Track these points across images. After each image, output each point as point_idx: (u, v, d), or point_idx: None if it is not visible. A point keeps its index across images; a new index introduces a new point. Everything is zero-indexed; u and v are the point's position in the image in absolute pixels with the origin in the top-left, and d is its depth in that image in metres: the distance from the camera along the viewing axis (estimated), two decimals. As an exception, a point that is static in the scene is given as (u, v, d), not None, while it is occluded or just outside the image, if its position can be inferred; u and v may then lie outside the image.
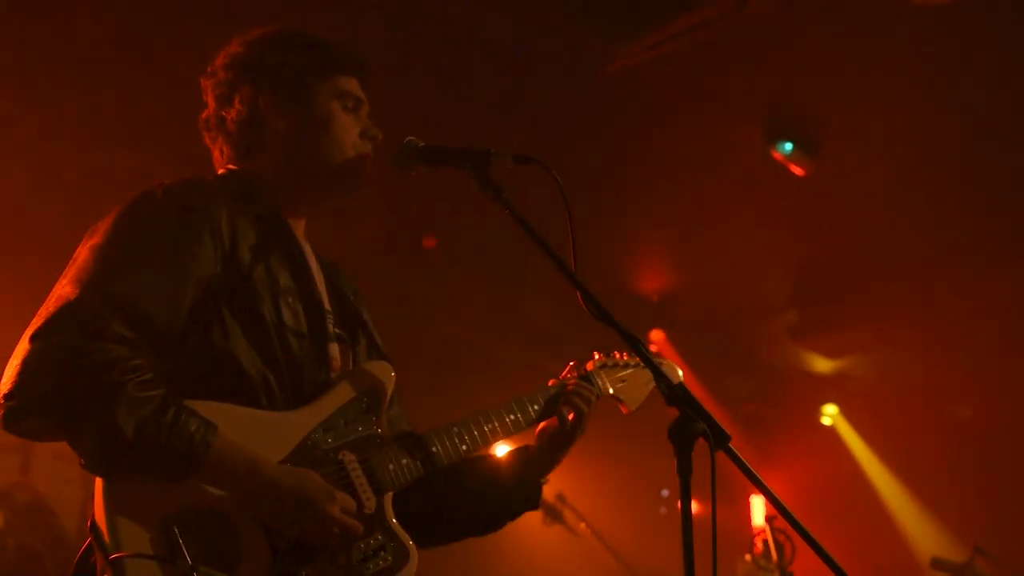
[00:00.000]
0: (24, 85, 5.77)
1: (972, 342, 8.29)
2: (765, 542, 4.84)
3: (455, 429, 2.67)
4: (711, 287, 8.48)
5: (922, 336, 8.48)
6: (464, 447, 2.66)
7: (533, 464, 2.81)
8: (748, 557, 6.71)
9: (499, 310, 8.62)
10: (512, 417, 2.75)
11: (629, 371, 3.00)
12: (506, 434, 2.73)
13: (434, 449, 2.60)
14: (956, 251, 7.66)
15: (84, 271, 2.31)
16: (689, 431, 2.38)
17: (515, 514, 2.84)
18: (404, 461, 2.55)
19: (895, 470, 9.26)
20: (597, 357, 2.99)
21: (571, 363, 2.95)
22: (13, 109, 5.89)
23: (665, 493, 9.87)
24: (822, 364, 9.34)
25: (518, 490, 2.80)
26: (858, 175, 7.03)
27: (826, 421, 9.76)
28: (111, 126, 6.08)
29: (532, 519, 7.18)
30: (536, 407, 2.80)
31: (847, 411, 9.70)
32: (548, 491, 7.14)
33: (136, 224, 2.42)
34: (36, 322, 2.25)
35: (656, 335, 8.81)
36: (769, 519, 4.94)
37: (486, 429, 2.70)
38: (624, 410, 2.98)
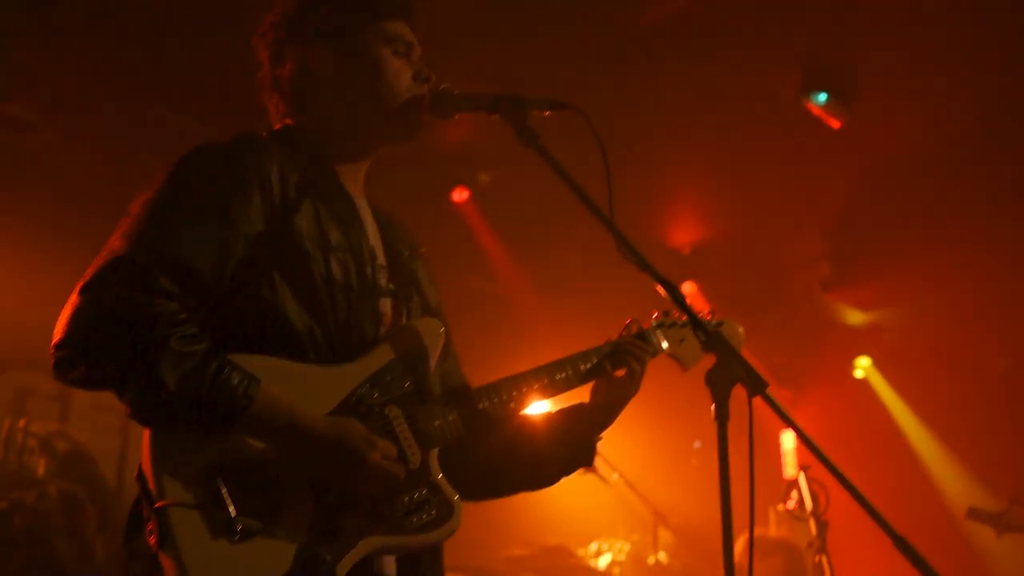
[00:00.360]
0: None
1: (1007, 293, 8.23)
2: (799, 491, 4.84)
3: (504, 385, 2.63)
4: (744, 239, 8.44)
5: (957, 287, 8.41)
6: (513, 404, 2.63)
7: (587, 422, 2.78)
8: (781, 507, 6.72)
9: (528, 264, 8.62)
10: (563, 374, 2.71)
11: (687, 330, 2.92)
12: (556, 391, 2.69)
13: (482, 405, 2.58)
14: (993, 201, 7.58)
15: (134, 226, 2.35)
16: (727, 377, 2.38)
17: (569, 471, 2.81)
18: (451, 417, 2.53)
19: (929, 422, 9.23)
20: (655, 315, 2.93)
21: (627, 321, 2.89)
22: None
23: (697, 444, 9.89)
24: (855, 316, 9.28)
25: (572, 448, 2.77)
26: (893, 126, 6.97)
27: (859, 374, 9.72)
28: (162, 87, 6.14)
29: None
30: (588, 365, 2.75)
31: (880, 364, 9.66)
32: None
33: (186, 180, 2.44)
34: (86, 275, 2.30)
35: (688, 287, 8.79)
36: (803, 468, 4.94)
37: (536, 386, 2.66)
38: (681, 369, 2.90)
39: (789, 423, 2.40)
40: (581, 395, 2.80)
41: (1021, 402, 8.29)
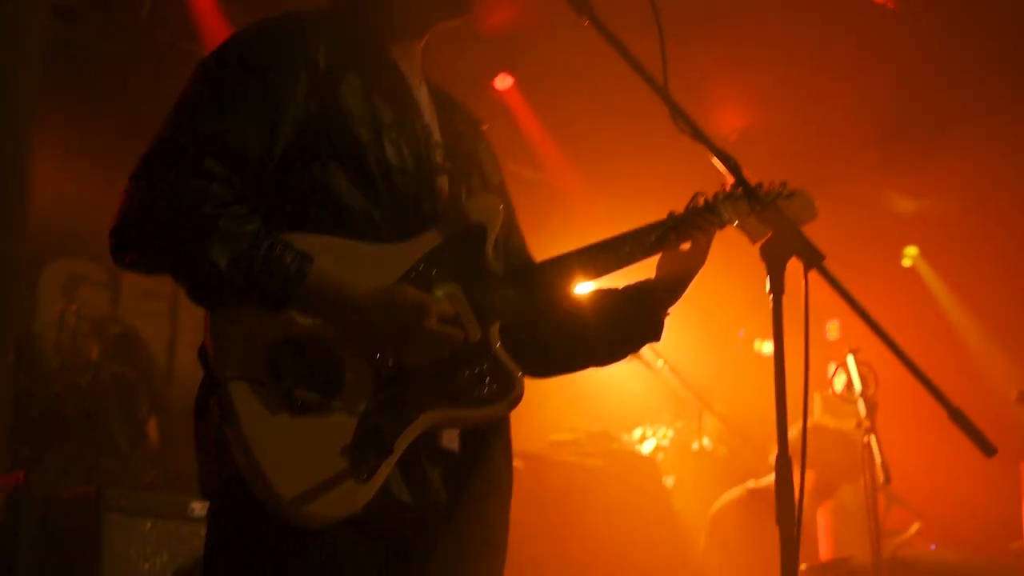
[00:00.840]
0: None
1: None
2: (848, 374, 4.83)
3: (567, 260, 2.58)
4: (792, 125, 8.32)
5: (1008, 176, 8.27)
6: (577, 278, 2.58)
7: (654, 298, 2.72)
8: (829, 391, 6.72)
9: (575, 152, 8.56)
10: (628, 248, 2.64)
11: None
12: (619, 266, 2.62)
13: (544, 280, 2.55)
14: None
15: (180, 110, 2.35)
16: (782, 249, 2.35)
17: (637, 348, 2.79)
18: (512, 292, 2.50)
19: (976, 311, 9.15)
20: (725, 187, 2.83)
21: (695, 193, 2.79)
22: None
23: (741, 334, 9.89)
24: (904, 205, 9.17)
25: (639, 324, 2.73)
26: (949, 6, 6.79)
27: (906, 263, 9.63)
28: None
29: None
30: (653, 238, 2.67)
31: (928, 253, 9.56)
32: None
33: (230, 62, 2.41)
34: (139, 160, 2.32)
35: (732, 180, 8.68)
36: (852, 351, 4.93)
37: (600, 260, 2.60)
38: (751, 243, 2.83)
39: (845, 296, 2.36)
40: (643, 271, 2.76)
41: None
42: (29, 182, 4.89)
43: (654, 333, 2.75)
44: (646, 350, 7.13)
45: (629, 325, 2.73)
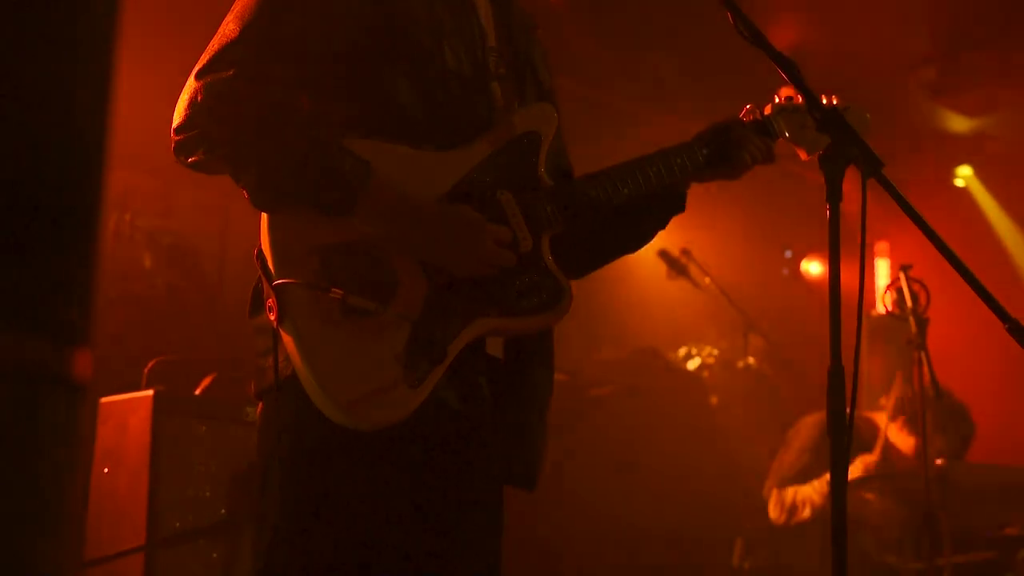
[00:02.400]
0: None
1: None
2: (899, 291, 4.80)
3: (617, 173, 2.58)
4: (846, 41, 8.16)
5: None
6: (627, 190, 2.57)
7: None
8: (875, 312, 6.69)
9: (623, 66, 8.45)
10: (679, 160, 2.62)
11: (807, 115, 2.71)
12: (671, 179, 2.61)
13: (594, 193, 2.54)
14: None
15: (247, 8, 2.36)
16: (841, 156, 2.33)
17: (663, 225, 2.77)
18: (563, 204, 2.51)
19: (1030, 232, 9.04)
20: (777, 100, 2.80)
21: (747, 106, 2.77)
22: None
23: (788, 254, 9.83)
24: (959, 123, 8.99)
25: (664, 200, 2.71)
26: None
27: (959, 183, 9.49)
28: None
29: (658, 272, 7.27)
30: (705, 151, 2.65)
31: (982, 173, 9.41)
32: (673, 246, 7.16)
33: None
34: (202, 59, 2.34)
35: (785, 92, 8.56)
36: (904, 268, 4.89)
37: (651, 173, 2.58)
38: (803, 156, 2.75)
39: (902, 204, 2.35)
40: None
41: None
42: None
43: (679, 205, 2.72)
44: (693, 268, 7.15)
45: (654, 203, 2.70)
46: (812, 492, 5.55)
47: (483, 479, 2.46)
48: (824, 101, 2.64)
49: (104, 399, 4.35)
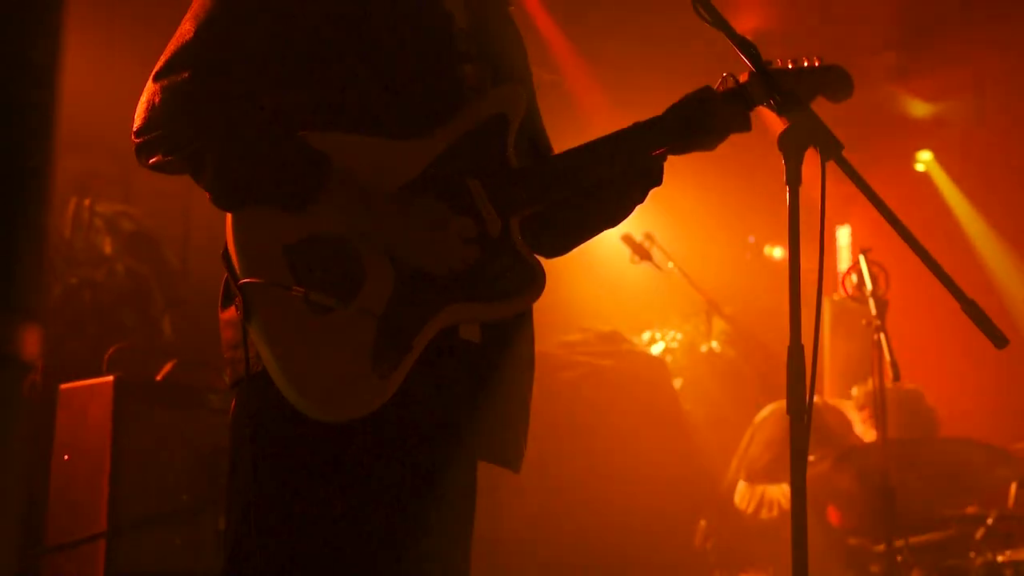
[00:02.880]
0: None
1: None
2: (859, 274, 4.84)
3: (591, 150, 2.54)
4: (807, 25, 8.21)
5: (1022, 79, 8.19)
6: (601, 167, 2.53)
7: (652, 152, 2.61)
8: (836, 295, 6.75)
9: (583, 54, 8.46)
10: (653, 133, 2.55)
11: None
12: (646, 153, 2.55)
13: (566, 172, 2.52)
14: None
15: (202, 7, 2.35)
16: (800, 139, 2.33)
17: (642, 197, 2.68)
18: (533, 185, 2.49)
19: (988, 216, 9.13)
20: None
21: (724, 74, 2.67)
22: None
23: (751, 239, 9.89)
24: (919, 108, 9.08)
25: (642, 175, 2.63)
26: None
27: (919, 168, 9.58)
28: None
29: (621, 256, 7.28)
30: (679, 122, 2.56)
31: (941, 157, 9.50)
32: (637, 229, 7.16)
33: None
34: (160, 61, 2.33)
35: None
36: (864, 251, 4.93)
37: (625, 148, 2.54)
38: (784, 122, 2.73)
39: (861, 185, 2.36)
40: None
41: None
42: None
43: (658, 178, 2.65)
44: (657, 252, 7.17)
45: (634, 178, 2.63)
46: (780, 496, 5.59)
47: (456, 467, 2.46)
48: (806, 64, 2.61)
49: (64, 386, 4.32)
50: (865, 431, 5.72)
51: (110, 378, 4.18)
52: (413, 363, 2.28)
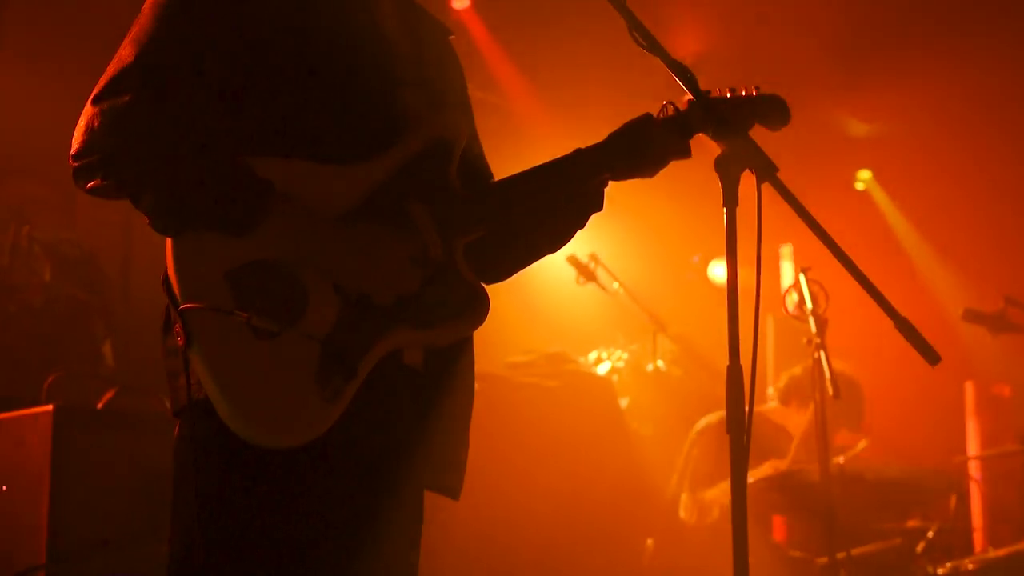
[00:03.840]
0: None
1: (1011, 110, 8.16)
2: (799, 293, 4.90)
3: (532, 176, 2.54)
4: (746, 47, 8.31)
5: (959, 100, 8.33)
6: (543, 193, 2.53)
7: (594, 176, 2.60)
8: (780, 311, 6.80)
9: (533, 76, 8.50)
10: (594, 160, 2.54)
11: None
12: (587, 179, 2.55)
13: (508, 197, 2.53)
14: (997, 9, 7.44)
15: (142, 31, 2.34)
16: (735, 161, 2.37)
17: (583, 223, 2.67)
18: (476, 210, 2.50)
19: (927, 234, 9.28)
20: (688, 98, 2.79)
21: (664, 102, 2.65)
22: None
23: (696, 259, 9.96)
24: (858, 128, 9.22)
25: (583, 199, 2.63)
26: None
27: (859, 187, 9.72)
28: None
29: (567, 278, 7.31)
30: (620, 149, 2.54)
31: (881, 177, 9.65)
32: (581, 251, 7.19)
33: None
34: (99, 84, 2.32)
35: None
36: (803, 270, 5.00)
37: (566, 174, 2.53)
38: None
39: (795, 207, 2.40)
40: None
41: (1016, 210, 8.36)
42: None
43: (598, 204, 2.65)
44: (602, 273, 7.21)
45: (574, 203, 2.63)
46: (720, 494, 5.64)
47: (403, 491, 2.45)
48: (743, 93, 2.64)
49: (1, 415, 4.26)
50: (798, 419, 5.80)
51: (49, 407, 4.12)
52: (358, 388, 2.27)
